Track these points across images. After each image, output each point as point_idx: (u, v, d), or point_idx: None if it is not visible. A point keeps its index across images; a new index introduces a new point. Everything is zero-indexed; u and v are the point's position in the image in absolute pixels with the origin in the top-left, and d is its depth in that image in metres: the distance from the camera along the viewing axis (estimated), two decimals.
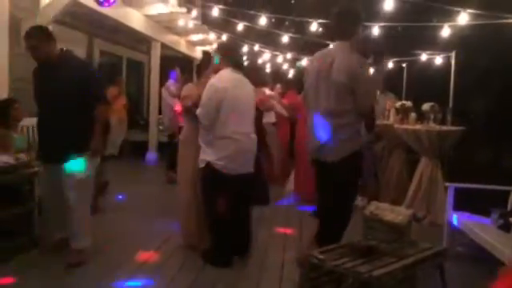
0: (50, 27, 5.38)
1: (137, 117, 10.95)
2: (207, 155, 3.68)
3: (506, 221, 3.66)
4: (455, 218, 4.22)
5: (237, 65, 3.80)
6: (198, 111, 3.68)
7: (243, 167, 3.68)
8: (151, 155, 9.74)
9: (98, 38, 9.96)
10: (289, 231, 4.94)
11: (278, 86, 7.75)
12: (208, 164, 3.67)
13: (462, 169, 5.25)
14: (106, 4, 5.78)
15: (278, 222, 5.31)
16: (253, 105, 3.85)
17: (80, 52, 9.69)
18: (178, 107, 7.28)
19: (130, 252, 4.07)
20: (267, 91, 7.02)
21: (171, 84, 7.66)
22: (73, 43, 9.43)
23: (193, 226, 3.99)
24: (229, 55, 3.85)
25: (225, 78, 3.72)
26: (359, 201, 6.15)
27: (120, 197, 6.19)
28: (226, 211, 3.70)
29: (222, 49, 4.18)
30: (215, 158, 3.63)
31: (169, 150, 7.92)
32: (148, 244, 4.27)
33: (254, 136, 3.80)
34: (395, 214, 3.15)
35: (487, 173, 4.78)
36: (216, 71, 3.83)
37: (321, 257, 2.79)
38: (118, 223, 4.99)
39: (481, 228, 3.80)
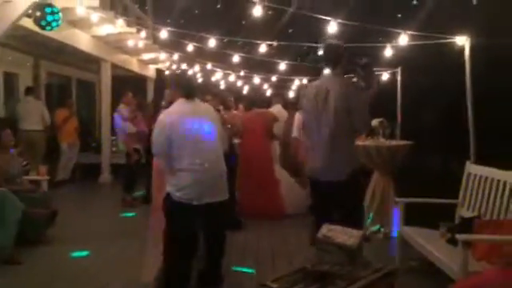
0: None
1: (88, 139, 10.64)
2: (168, 186, 3.65)
3: (454, 235, 3.75)
4: (406, 233, 4.31)
5: (189, 94, 3.74)
6: (153, 148, 3.69)
7: (202, 198, 3.56)
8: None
9: (45, 59, 9.67)
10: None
11: (241, 106, 7.75)
12: (168, 195, 3.63)
13: (412, 183, 5.40)
14: (49, 28, 5.61)
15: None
16: (213, 131, 3.74)
17: (26, 74, 9.39)
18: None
19: None
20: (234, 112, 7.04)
21: (123, 107, 7.50)
22: (18, 65, 9.12)
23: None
24: (179, 86, 3.83)
25: (174, 111, 3.72)
26: None
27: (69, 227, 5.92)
28: (179, 242, 3.61)
29: (172, 80, 4.18)
30: (173, 189, 3.59)
31: (124, 172, 7.73)
32: (100, 277, 4.12)
33: (216, 165, 3.66)
34: (347, 235, 3.19)
35: (436, 186, 4.93)
36: (171, 101, 3.90)
37: (274, 285, 2.77)
38: (64, 258, 4.74)
39: (430, 243, 3.88)
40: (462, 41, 4.75)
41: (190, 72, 11.25)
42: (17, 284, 4.04)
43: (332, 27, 4.93)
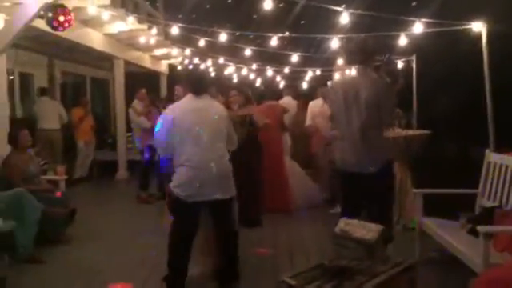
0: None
1: (104, 136, 10.74)
2: (172, 181, 3.67)
3: (475, 226, 3.69)
4: (426, 225, 4.25)
5: (197, 90, 3.73)
6: (154, 141, 3.78)
7: (201, 195, 3.55)
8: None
9: (59, 58, 9.75)
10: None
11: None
12: (170, 190, 3.66)
13: (430, 173, 5.32)
14: (61, 28, 5.64)
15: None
16: (217, 129, 3.68)
17: (41, 74, 9.49)
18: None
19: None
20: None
21: (137, 103, 7.54)
22: (33, 66, 9.22)
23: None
24: (188, 82, 3.83)
25: (179, 107, 3.77)
26: (338, 208, 6.18)
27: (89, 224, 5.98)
28: (177, 237, 3.66)
29: (182, 76, 4.18)
30: (173, 185, 3.62)
31: (138, 168, 7.81)
32: (119, 275, 4.15)
33: (215, 163, 3.59)
34: (366, 230, 3.15)
35: (456, 176, 4.84)
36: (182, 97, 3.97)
37: (292, 282, 2.75)
38: (84, 256, 4.80)
39: (450, 234, 3.82)
40: (479, 27, 4.63)
41: (203, 66, 11.26)
42: (39, 282, 4.10)
43: (344, 18, 4.85)
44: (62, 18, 5.56)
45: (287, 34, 7.17)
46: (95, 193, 8.69)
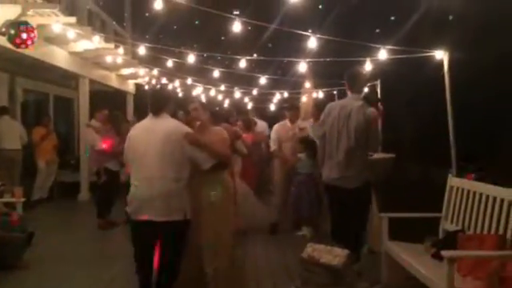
0: None
1: (67, 156, 10.42)
2: None
3: (439, 250, 3.73)
4: (391, 248, 4.28)
5: (154, 111, 3.72)
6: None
7: (141, 214, 3.55)
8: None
9: (21, 76, 9.46)
10: None
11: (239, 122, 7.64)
12: None
13: (395, 196, 5.38)
14: (24, 46, 5.49)
15: None
16: (163, 149, 3.58)
17: (1, 92, 9.17)
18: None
19: None
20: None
21: (94, 122, 7.31)
22: None
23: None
24: (148, 103, 3.79)
25: (137, 126, 3.87)
26: (304, 230, 6.20)
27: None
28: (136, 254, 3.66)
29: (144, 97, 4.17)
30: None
31: (97, 192, 7.36)
32: None
33: (159, 183, 3.54)
34: (332, 255, 3.14)
35: (419, 199, 4.92)
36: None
37: None
38: (45, 281, 4.59)
39: (415, 258, 3.84)
40: (441, 55, 4.80)
41: (170, 87, 11.18)
42: None
43: (312, 42, 4.93)
44: (24, 36, 5.42)
45: (255, 56, 7.19)
46: (55, 215, 8.37)
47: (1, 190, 5.89)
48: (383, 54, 5.09)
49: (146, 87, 12.69)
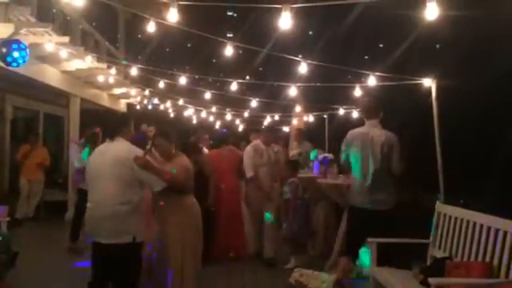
0: None
1: (54, 175, 10.30)
2: None
3: (426, 277, 3.72)
4: (379, 274, 4.26)
5: (107, 135, 3.90)
6: None
7: (93, 235, 3.71)
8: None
9: (11, 93, 9.43)
10: None
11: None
12: None
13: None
14: (15, 64, 5.49)
15: None
16: (112, 172, 3.64)
17: None
18: None
19: None
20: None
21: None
22: None
23: None
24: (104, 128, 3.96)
25: (94, 150, 4.01)
26: (292, 262, 5.95)
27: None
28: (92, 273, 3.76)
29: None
30: None
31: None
32: None
33: (105, 205, 3.62)
34: (319, 281, 3.12)
35: (408, 224, 4.93)
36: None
37: None
38: None
39: (403, 284, 3.84)
40: (429, 82, 4.88)
41: (162, 107, 11.20)
42: None
43: (302, 67, 4.99)
44: (16, 54, 5.42)
45: (248, 78, 7.27)
46: (40, 234, 8.24)
47: None
48: (372, 81, 5.17)
49: (138, 107, 12.71)
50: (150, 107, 12.48)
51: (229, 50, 5.05)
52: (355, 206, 4.68)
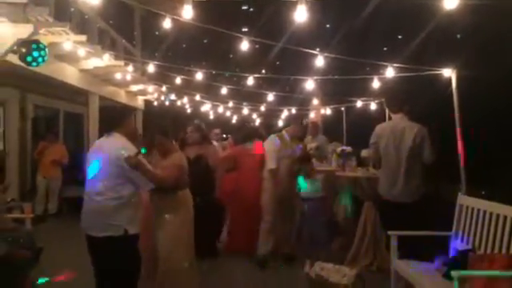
0: None
1: (75, 172, 10.44)
2: None
3: (449, 269, 3.68)
4: (400, 267, 4.22)
5: (103, 130, 3.90)
6: None
7: (86, 229, 3.74)
8: None
9: (32, 92, 9.60)
10: None
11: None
12: None
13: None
14: (35, 64, 5.57)
15: None
16: (102, 168, 3.67)
17: (12, 108, 9.30)
18: None
19: None
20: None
21: None
22: (3, 99, 9.04)
23: None
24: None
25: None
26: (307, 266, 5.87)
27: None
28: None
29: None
30: None
31: None
32: None
33: (95, 199, 3.63)
34: (340, 274, 3.11)
35: (429, 216, 4.87)
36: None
37: None
38: None
39: (425, 277, 3.80)
40: (449, 73, 4.80)
41: (179, 103, 11.26)
42: None
43: (319, 60, 4.96)
44: (36, 54, 5.51)
45: (263, 72, 7.24)
46: (63, 230, 8.38)
47: (10, 206, 5.93)
48: (390, 72, 5.11)
49: (155, 103, 12.81)
50: (167, 103, 12.55)
51: (245, 45, 5.05)
52: (386, 199, 4.78)
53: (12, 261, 4.58)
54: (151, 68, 6.96)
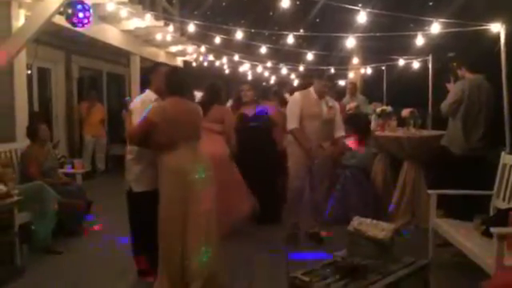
0: None
1: (119, 130, 10.81)
2: None
3: (488, 227, 3.67)
4: (439, 225, 4.25)
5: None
6: None
7: None
8: None
9: (76, 54, 9.87)
10: None
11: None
12: None
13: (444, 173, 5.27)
14: (80, 25, 5.71)
15: None
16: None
17: (58, 69, 9.63)
18: None
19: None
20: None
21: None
22: (50, 60, 9.35)
23: None
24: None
25: None
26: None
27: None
28: None
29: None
30: None
31: None
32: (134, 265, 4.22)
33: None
34: (378, 229, 3.17)
35: (471, 176, 4.80)
36: None
37: (305, 278, 2.79)
38: (103, 246, 4.93)
39: (463, 235, 3.82)
40: (497, 28, 4.60)
41: (217, 63, 11.28)
42: (56, 272, 4.20)
43: (361, 17, 4.84)
44: (81, 15, 5.64)
45: (302, 31, 7.14)
46: (111, 185, 8.79)
47: (61, 162, 6.27)
48: (435, 28, 4.93)
49: (194, 64, 12.89)
50: (205, 64, 12.61)
51: (285, 2, 4.99)
52: (463, 155, 4.91)
53: (65, 210, 4.92)
54: (190, 28, 6.96)
